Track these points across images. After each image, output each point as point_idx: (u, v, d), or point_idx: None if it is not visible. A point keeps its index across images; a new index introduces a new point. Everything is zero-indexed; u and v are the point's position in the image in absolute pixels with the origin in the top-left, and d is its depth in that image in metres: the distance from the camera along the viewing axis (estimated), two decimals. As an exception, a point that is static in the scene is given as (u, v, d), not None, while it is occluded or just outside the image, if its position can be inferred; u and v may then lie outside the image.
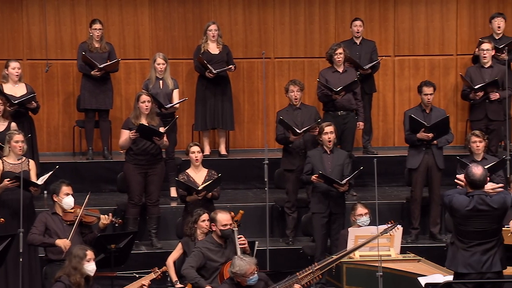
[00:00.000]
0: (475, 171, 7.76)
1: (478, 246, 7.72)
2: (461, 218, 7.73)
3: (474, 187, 7.78)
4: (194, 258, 9.00)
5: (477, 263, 7.71)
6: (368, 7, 13.22)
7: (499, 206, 7.75)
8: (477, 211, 7.69)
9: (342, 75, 11.82)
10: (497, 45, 12.12)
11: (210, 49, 12.33)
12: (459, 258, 7.75)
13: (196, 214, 9.63)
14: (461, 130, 13.08)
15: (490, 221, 7.72)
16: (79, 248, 8.37)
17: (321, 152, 10.66)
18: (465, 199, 7.82)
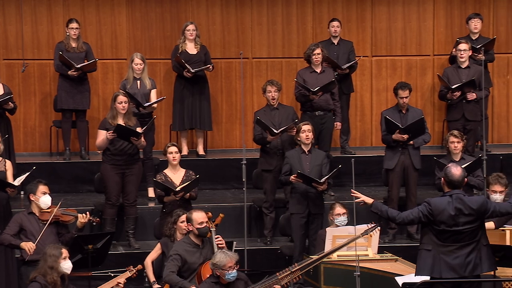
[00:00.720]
0: (454, 171, 7.80)
1: (459, 250, 7.73)
2: (441, 218, 7.74)
3: (452, 187, 7.82)
4: (173, 263, 8.99)
5: (460, 266, 7.72)
6: (346, 7, 13.25)
7: (477, 206, 7.77)
8: (457, 210, 7.71)
9: (319, 75, 11.84)
10: (474, 46, 12.18)
11: (188, 49, 12.32)
12: (441, 263, 7.75)
13: (176, 214, 9.61)
14: (438, 130, 13.14)
15: (470, 222, 7.73)
16: (54, 247, 8.35)
17: (299, 153, 10.67)
18: (444, 198, 7.85)
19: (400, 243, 11.11)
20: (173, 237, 9.56)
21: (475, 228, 7.78)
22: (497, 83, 13.23)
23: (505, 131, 13.36)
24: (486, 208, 7.80)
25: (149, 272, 9.56)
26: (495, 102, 13.29)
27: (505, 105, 13.34)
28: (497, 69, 13.23)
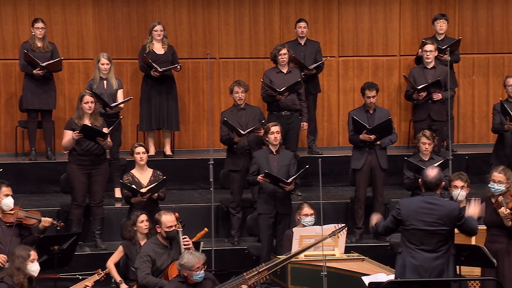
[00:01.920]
0: (428, 173, 7.86)
1: (428, 253, 7.75)
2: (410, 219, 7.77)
3: (426, 188, 7.86)
4: (146, 265, 8.96)
5: (425, 270, 7.75)
6: (313, 8, 13.28)
7: (448, 211, 7.77)
8: (426, 209, 7.74)
9: (286, 76, 11.86)
10: (440, 46, 12.25)
11: (155, 49, 12.28)
12: (408, 265, 7.78)
13: (134, 216, 9.60)
14: (404, 130, 13.21)
15: (439, 225, 7.75)
16: (23, 249, 8.29)
17: (267, 153, 10.68)
18: (415, 198, 7.90)
19: (367, 243, 11.16)
20: (134, 239, 9.54)
21: (445, 233, 7.78)
22: (462, 83, 13.32)
23: (470, 131, 13.45)
24: (457, 216, 7.79)
25: (114, 274, 9.52)
26: (461, 102, 13.38)
27: (471, 105, 13.43)
28: (463, 70, 13.32)
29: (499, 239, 8.72)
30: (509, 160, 11.01)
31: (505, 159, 11.05)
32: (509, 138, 11.07)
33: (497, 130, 11.19)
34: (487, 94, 13.39)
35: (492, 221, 8.74)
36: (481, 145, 13.21)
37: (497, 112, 11.11)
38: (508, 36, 13.36)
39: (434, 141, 10.82)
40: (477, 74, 13.41)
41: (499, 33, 13.35)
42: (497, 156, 11.16)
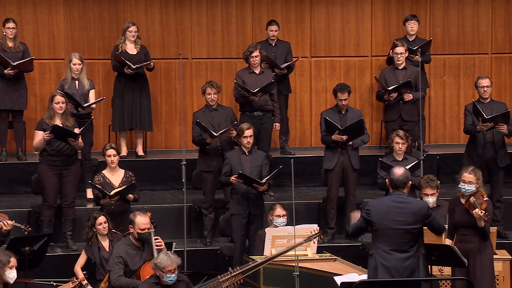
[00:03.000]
0: (396, 171, 7.90)
1: (398, 253, 7.78)
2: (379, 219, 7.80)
3: (393, 187, 7.90)
4: (118, 266, 8.94)
5: (396, 270, 7.78)
6: (285, 8, 13.29)
7: (417, 210, 7.80)
8: (396, 208, 7.77)
9: (258, 76, 11.87)
10: (411, 47, 12.30)
11: (128, 49, 12.25)
12: (379, 266, 7.81)
13: (92, 218, 9.65)
14: (376, 130, 13.26)
15: (408, 223, 7.78)
16: (3, 254, 8.18)
17: (239, 153, 10.69)
18: (384, 198, 7.93)
19: (339, 243, 11.19)
20: (91, 240, 9.54)
21: (415, 232, 7.81)
22: (433, 84, 13.38)
23: (441, 131, 13.52)
24: (426, 213, 7.82)
25: (80, 277, 9.51)
26: (432, 103, 13.44)
27: (442, 105, 13.50)
28: (434, 70, 13.39)
29: (470, 239, 8.77)
30: (481, 160, 11.08)
31: (477, 159, 11.11)
32: (481, 138, 11.13)
33: (469, 131, 11.25)
34: (458, 95, 13.46)
35: (463, 221, 8.79)
36: (452, 145, 13.28)
37: (469, 112, 11.16)
38: (479, 37, 13.44)
39: (408, 141, 10.88)
40: (448, 75, 13.48)
41: (470, 34, 13.43)
42: (469, 157, 11.22)
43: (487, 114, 11.01)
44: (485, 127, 11.00)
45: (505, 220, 11.35)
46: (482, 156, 11.11)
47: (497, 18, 13.41)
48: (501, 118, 10.98)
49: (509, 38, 13.42)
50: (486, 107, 11.15)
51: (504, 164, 11.19)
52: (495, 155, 11.13)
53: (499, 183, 11.23)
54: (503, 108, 11.26)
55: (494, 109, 11.16)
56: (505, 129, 11.04)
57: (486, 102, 11.22)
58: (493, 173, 11.15)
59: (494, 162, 11.14)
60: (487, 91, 11.19)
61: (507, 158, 11.23)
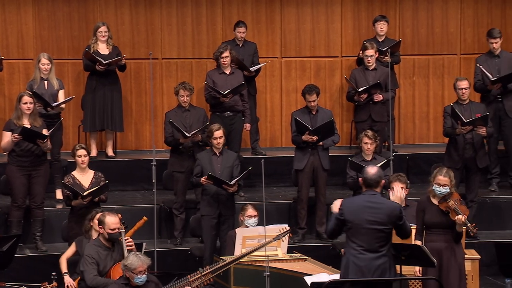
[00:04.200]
0: (368, 170, 7.91)
1: (369, 252, 7.80)
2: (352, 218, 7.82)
3: (366, 186, 7.91)
4: (92, 266, 8.89)
5: (368, 269, 7.80)
6: (255, 9, 13.30)
7: (389, 211, 7.80)
8: (368, 208, 7.79)
9: (229, 77, 11.87)
10: (380, 48, 12.34)
11: (100, 49, 12.19)
12: (350, 265, 7.83)
13: (94, 212, 9.58)
14: (346, 131, 13.29)
15: (380, 224, 7.80)
16: None
17: (210, 154, 10.68)
18: (356, 197, 7.94)
19: (309, 243, 11.21)
20: (88, 233, 9.50)
21: (386, 232, 7.81)
22: (403, 84, 13.44)
23: (411, 131, 13.59)
24: (398, 215, 7.83)
25: (62, 266, 9.47)
26: (402, 103, 13.50)
27: (411, 106, 13.57)
28: (403, 71, 13.44)
29: (441, 239, 8.81)
30: (462, 161, 11.14)
31: (458, 159, 11.17)
32: (461, 139, 11.19)
33: (448, 134, 11.29)
34: (427, 95, 13.53)
35: (435, 221, 8.83)
36: (421, 146, 13.35)
37: (448, 115, 11.21)
38: (448, 37, 13.52)
39: (376, 141, 10.91)
40: (418, 75, 13.55)
41: (439, 34, 13.51)
42: (450, 157, 11.27)
43: (466, 116, 11.07)
44: (464, 130, 11.06)
45: (474, 220, 11.42)
46: (463, 156, 11.17)
47: (466, 19, 13.51)
48: (480, 121, 11.05)
49: (478, 38, 13.51)
50: (465, 108, 11.22)
51: (484, 164, 11.27)
52: (474, 156, 11.19)
53: (476, 184, 11.31)
54: (481, 108, 11.33)
55: (473, 110, 11.23)
56: (484, 132, 11.11)
57: (464, 103, 11.29)
58: (471, 173, 11.23)
59: (473, 162, 11.20)
60: (466, 92, 11.25)
61: (486, 159, 11.32)
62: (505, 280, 10.63)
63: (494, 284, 10.80)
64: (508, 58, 12.15)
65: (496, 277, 10.67)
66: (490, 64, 12.08)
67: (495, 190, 12.15)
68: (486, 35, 12.35)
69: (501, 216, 11.66)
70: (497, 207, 11.80)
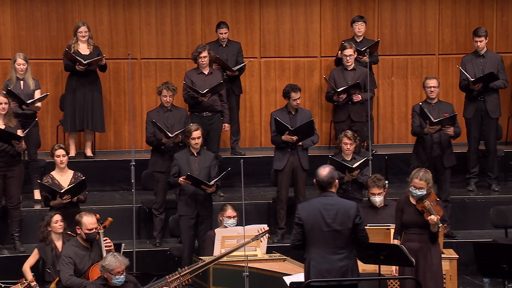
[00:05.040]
0: (320, 172, 7.82)
1: (331, 255, 7.76)
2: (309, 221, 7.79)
3: (320, 188, 7.84)
4: (68, 266, 8.87)
5: (329, 272, 7.76)
6: (234, 9, 13.29)
7: (344, 210, 7.75)
8: (325, 210, 7.75)
9: (207, 77, 11.87)
10: (359, 48, 12.37)
11: (80, 49, 12.16)
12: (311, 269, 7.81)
13: (48, 216, 9.54)
14: (325, 131, 13.32)
15: (338, 224, 7.77)
16: None
17: (188, 154, 10.66)
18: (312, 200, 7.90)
19: (288, 243, 11.12)
20: (47, 239, 9.46)
21: (345, 233, 7.73)
22: (382, 84, 13.48)
23: (390, 131, 13.63)
24: (355, 212, 7.74)
25: (27, 275, 9.41)
26: (380, 103, 13.54)
27: (390, 106, 13.61)
28: (382, 71, 13.48)
29: (419, 238, 8.83)
30: (429, 160, 11.18)
31: (425, 158, 11.22)
32: (429, 138, 11.24)
33: (416, 133, 11.33)
34: (406, 95, 13.58)
35: (413, 221, 8.85)
36: (400, 146, 13.39)
37: (416, 114, 11.26)
38: (426, 37, 13.57)
39: (356, 141, 10.94)
40: (396, 75, 13.59)
41: (417, 34, 13.56)
42: (417, 157, 11.32)
43: (434, 115, 11.12)
44: (432, 130, 11.11)
45: (452, 219, 11.49)
46: (430, 156, 11.22)
47: (444, 19, 13.56)
48: (448, 121, 11.11)
49: (456, 39, 13.57)
50: (433, 107, 11.27)
51: (450, 164, 11.32)
52: (441, 155, 11.25)
53: (446, 183, 11.36)
54: (450, 108, 11.38)
55: (441, 109, 11.28)
56: (451, 132, 11.17)
57: (433, 102, 11.34)
58: (439, 172, 11.27)
59: (440, 162, 11.26)
60: (434, 91, 11.30)
61: (453, 158, 11.36)
62: (483, 280, 10.70)
63: (472, 284, 10.85)
64: (493, 58, 12.21)
65: (474, 276, 10.71)
66: (475, 63, 12.13)
67: (473, 190, 12.21)
68: (472, 34, 12.39)
69: (479, 216, 11.70)
70: (475, 207, 11.86)
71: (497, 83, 12.03)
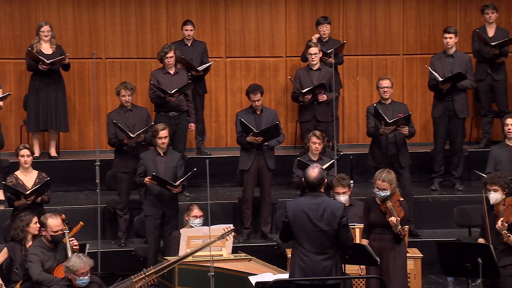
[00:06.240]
0: (310, 173, 7.90)
1: (315, 254, 7.81)
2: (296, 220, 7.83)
3: (309, 188, 7.93)
4: (37, 264, 8.80)
5: (313, 271, 7.81)
6: (199, 8, 13.28)
7: (332, 210, 7.82)
8: (312, 209, 7.80)
9: (173, 77, 11.84)
10: (324, 50, 12.39)
11: (43, 49, 12.09)
12: (296, 267, 7.85)
13: (27, 218, 9.43)
14: (291, 130, 13.34)
15: (325, 224, 7.83)
16: None
17: (154, 154, 10.64)
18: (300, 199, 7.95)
19: (254, 243, 11.23)
20: (25, 240, 9.38)
21: (331, 234, 7.81)
22: (347, 84, 13.53)
23: (355, 131, 13.68)
24: (341, 214, 7.81)
25: None
26: (346, 103, 13.59)
27: (355, 106, 13.66)
28: (347, 71, 13.53)
29: (384, 238, 8.88)
30: (385, 160, 11.22)
31: (381, 158, 11.26)
32: (384, 138, 11.28)
33: (371, 134, 11.38)
34: (370, 95, 13.63)
35: (378, 221, 8.90)
36: (365, 145, 13.33)
37: (371, 115, 11.30)
38: (391, 38, 13.64)
39: (324, 141, 10.97)
40: (361, 75, 13.65)
41: (382, 35, 13.63)
42: (373, 156, 11.37)
43: (388, 115, 11.18)
44: (387, 130, 11.17)
45: (416, 218, 11.56)
46: (386, 155, 11.27)
47: (408, 20, 13.64)
48: (403, 121, 11.18)
49: (420, 39, 13.66)
50: (387, 108, 11.32)
51: (406, 164, 11.36)
52: (397, 154, 11.30)
53: (407, 182, 11.41)
54: (404, 108, 11.44)
55: (395, 110, 11.33)
56: (406, 131, 11.23)
57: (387, 103, 11.39)
58: (398, 173, 11.32)
59: (397, 161, 11.31)
60: (387, 91, 11.35)
61: (409, 158, 11.41)
62: (447, 279, 10.80)
63: (436, 283, 10.93)
64: (462, 58, 12.28)
65: (438, 275, 10.79)
66: (444, 63, 12.21)
67: (436, 189, 12.29)
68: (442, 32, 12.45)
69: (443, 215, 11.79)
70: (439, 206, 11.94)
71: (464, 83, 12.11)
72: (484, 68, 12.88)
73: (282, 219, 7.96)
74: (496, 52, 12.61)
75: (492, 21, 12.89)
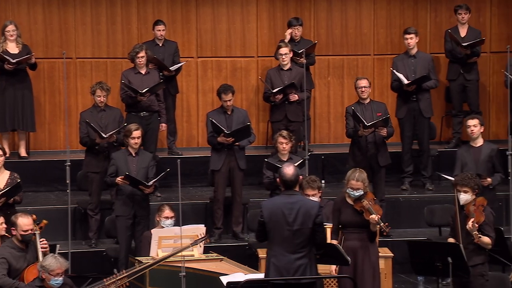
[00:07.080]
0: (286, 171, 7.91)
1: (290, 254, 7.81)
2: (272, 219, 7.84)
3: (286, 187, 7.93)
4: (1, 266, 8.74)
5: (287, 270, 7.81)
6: (170, 8, 13.26)
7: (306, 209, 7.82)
8: (287, 208, 7.80)
9: (144, 77, 11.82)
10: (296, 50, 12.40)
11: (9, 48, 12.02)
12: (271, 266, 7.84)
13: None
14: (262, 130, 13.35)
15: (300, 223, 7.82)
16: None
17: (125, 154, 10.61)
18: (275, 198, 7.94)
19: (226, 243, 11.23)
20: None
21: (306, 233, 7.82)
22: (318, 84, 13.56)
23: (326, 131, 13.72)
24: (316, 212, 7.83)
25: None
26: (317, 103, 13.62)
27: (326, 105, 13.70)
28: (318, 71, 13.56)
29: (357, 237, 8.91)
30: (365, 160, 11.28)
31: (361, 158, 11.32)
32: (363, 140, 11.34)
33: (351, 135, 11.42)
34: (342, 95, 13.69)
35: (351, 221, 8.91)
36: (336, 145, 13.48)
37: (350, 115, 11.35)
38: (362, 38, 13.70)
39: (291, 141, 10.99)
40: (332, 76, 13.69)
41: (353, 35, 13.67)
42: (354, 157, 11.41)
43: (367, 115, 11.22)
44: (366, 133, 11.22)
45: (387, 218, 11.58)
46: (366, 155, 11.33)
47: (379, 20, 13.70)
48: (381, 122, 11.24)
49: (391, 39, 13.72)
50: (366, 108, 11.38)
51: (385, 163, 11.44)
52: (376, 154, 11.37)
53: (382, 182, 11.48)
54: (382, 108, 11.50)
55: (374, 109, 11.39)
56: (385, 133, 11.30)
57: (365, 102, 11.44)
58: (375, 172, 11.39)
59: (375, 161, 11.37)
60: (365, 91, 11.40)
61: (388, 158, 11.49)
62: (417, 278, 10.86)
63: (407, 282, 10.99)
64: (424, 58, 12.36)
65: (409, 275, 10.85)
66: (406, 64, 12.28)
67: (406, 189, 12.35)
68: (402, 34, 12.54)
69: (413, 215, 11.85)
70: (409, 206, 12.00)
71: (428, 83, 12.21)
72: (457, 68, 12.97)
73: (258, 219, 7.97)
74: (467, 52, 12.71)
75: (464, 21, 12.98)
